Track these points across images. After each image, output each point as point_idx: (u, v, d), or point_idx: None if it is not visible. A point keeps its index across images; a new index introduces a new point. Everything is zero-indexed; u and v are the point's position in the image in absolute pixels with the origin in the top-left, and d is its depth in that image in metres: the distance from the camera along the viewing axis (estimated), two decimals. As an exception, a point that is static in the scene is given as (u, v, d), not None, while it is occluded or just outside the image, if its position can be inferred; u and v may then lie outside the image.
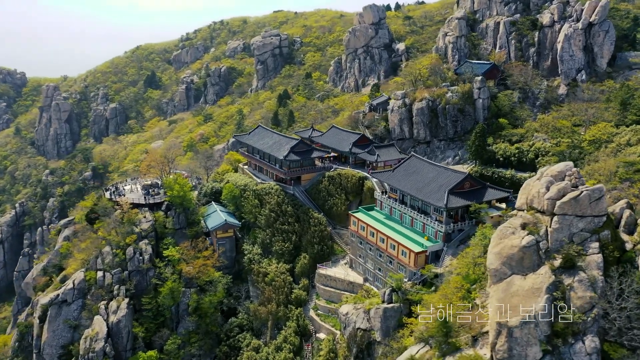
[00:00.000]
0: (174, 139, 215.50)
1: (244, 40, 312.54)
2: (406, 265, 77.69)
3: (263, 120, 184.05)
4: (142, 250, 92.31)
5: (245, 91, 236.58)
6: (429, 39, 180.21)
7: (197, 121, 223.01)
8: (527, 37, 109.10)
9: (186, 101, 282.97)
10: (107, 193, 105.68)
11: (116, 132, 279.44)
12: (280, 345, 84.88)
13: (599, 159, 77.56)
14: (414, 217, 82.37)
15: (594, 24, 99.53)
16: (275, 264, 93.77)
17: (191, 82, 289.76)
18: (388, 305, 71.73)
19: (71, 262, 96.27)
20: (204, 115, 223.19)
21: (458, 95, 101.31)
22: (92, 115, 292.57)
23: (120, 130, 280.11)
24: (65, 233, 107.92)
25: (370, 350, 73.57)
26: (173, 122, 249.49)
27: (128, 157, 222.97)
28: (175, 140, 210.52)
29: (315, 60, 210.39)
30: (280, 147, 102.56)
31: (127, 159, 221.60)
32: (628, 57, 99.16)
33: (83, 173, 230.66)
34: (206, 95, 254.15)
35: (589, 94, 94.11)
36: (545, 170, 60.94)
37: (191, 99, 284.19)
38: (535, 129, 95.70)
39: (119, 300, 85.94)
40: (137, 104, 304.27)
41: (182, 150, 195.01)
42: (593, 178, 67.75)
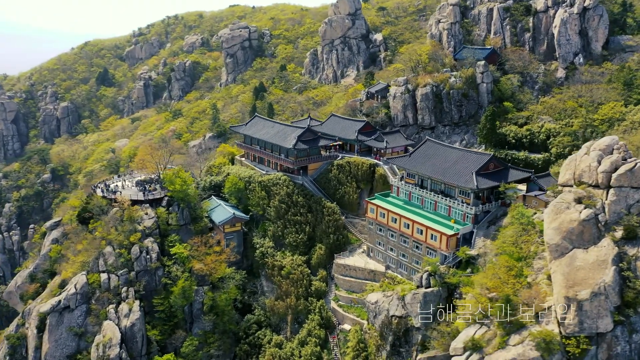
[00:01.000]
0: (141, 137, 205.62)
1: (202, 35, 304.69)
2: (437, 249, 76.60)
3: (240, 114, 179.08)
4: (149, 248, 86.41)
5: (213, 86, 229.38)
6: (405, 29, 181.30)
7: (165, 117, 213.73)
8: (522, 22, 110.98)
9: (145, 98, 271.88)
10: (97, 191, 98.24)
11: (69, 133, 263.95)
12: (305, 339, 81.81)
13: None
14: (437, 201, 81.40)
15: (589, 9, 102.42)
16: (290, 256, 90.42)
17: (149, 79, 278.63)
18: (427, 290, 70.30)
19: (67, 266, 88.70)
20: (173, 111, 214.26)
21: (461, 80, 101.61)
22: (41, 115, 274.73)
23: (73, 131, 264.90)
24: (52, 235, 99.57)
25: (408, 337, 72.00)
26: (136, 120, 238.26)
27: (91, 157, 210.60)
28: (143, 138, 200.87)
29: (287, 53, 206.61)
30: (285, 136, 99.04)
31: (90, 159, 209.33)
32: (621, 41, 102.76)
33: (41, 176, 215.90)
34: (171, 90, 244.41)
35: (587, 76, 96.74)
36: (591, 145, 61.40)
37: (150, 95, 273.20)
38: (538, 112, 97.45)
39: (130, 303, 79.89)
40: (90, 103, 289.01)
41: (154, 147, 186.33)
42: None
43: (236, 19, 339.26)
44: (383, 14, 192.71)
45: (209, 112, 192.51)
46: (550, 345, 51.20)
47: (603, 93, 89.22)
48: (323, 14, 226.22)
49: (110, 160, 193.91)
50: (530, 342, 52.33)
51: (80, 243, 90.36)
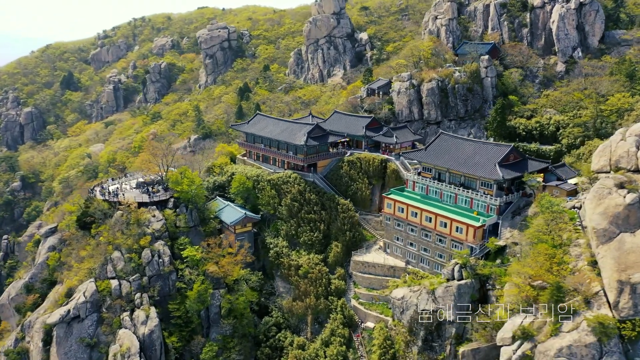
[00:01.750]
0: (118, 141, 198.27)
1: (172, 37, 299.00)
2: (463, 241, 76.06)
3: (225, 115, 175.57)
4: (160, 252, 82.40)
5: (191, 87, 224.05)
6: (390, 28, 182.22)
7: (143, 120, 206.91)
8: (519, 18, 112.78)
9: (115, 102, 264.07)
10: (97, 194, 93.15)
11: (34, 139, 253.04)
12: (328, 339, 79.75)
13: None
14: (457, 194, 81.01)
15: (585, 4, 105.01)
16: (305, 255, 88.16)
17: (119, 82, 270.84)
18: (461, 282, 69.62)
19: (69, 274, 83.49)
20: (151, 114, 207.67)
21: (466, 75, 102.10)
22: (2, 121, 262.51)
23: (39, 137, 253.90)
24: (48, 243, 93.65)
25: (441, 331, 71.03)
26: (110, 124, 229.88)
27: (65, 163, 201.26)
28: (122, 142, 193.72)
29: (269, 53, 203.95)
30: (294, 133, 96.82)
31: (64, 165, 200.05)
32: (616, 35, 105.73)
33: (10, 184, 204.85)
34: (146, 93, 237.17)
35: (588, 69, 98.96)
36: (626, 131, 62.28)
37: (120, 99, 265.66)
38: (542, 105, 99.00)
39: (146, 310, 75.72)
40: (56, 108, 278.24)
41: (134, 151, 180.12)
42: None
43: (206, 21, 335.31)
44: (366, 13, 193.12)
45: (191, 114, 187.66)
46: (607, 329, 51.09)
47: (607, 85, 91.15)
48: (302, 14, 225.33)
49: (88, 165, 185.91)
50: (586, 328, 52.10)
51: (83, 249, 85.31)
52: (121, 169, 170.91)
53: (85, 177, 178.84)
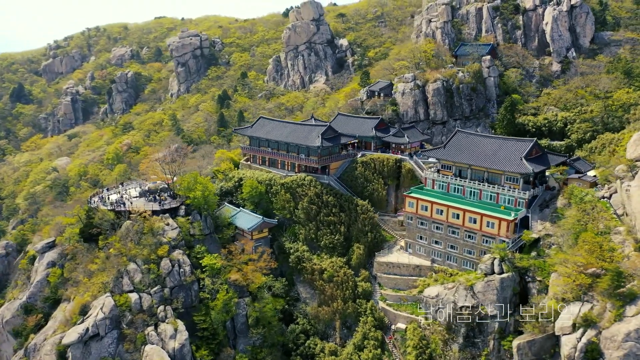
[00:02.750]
0: (88, 153, 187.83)
1: (131, 47, 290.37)
2: (495, 236, 76.10)
3: (205, 123, 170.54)
4: (180, 261, 77.67)
5: (161, 97, 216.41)
6: (368, 35, 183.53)
7: (113, 132, 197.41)
8: (512, 20, 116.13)
9: (73, 114, 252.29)
10: (99, 205, 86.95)
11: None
12: (361, 344, 77.41)
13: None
14: (482, 190, 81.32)
15: (576, 7, 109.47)
16: (328, 259, 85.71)
17: (77, 93, 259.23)
18: (503, 276, 69.40)
19: (78, 290, 76.99)
20: (121, 125, 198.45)
21: (469, 75, 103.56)
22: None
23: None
24: (47, 259, 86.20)
25: (483, 327, 70.38)
26: (74, 136, 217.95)
27: (28, 178, 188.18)
28: (92, 154, 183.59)
29: (245, 61, 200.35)
30: (305, 135, 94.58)
31: (27, 181, 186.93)
32: (604, 36, 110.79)
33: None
34: (112, 103, 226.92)
35: (584, 68, 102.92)
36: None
37: (79, 111, 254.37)
38: (545, 103, 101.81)
39: (173, 323, 70.76)
40: (6, 122, 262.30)
41: (108, 163, 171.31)
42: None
43: (165, 31, 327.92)
44: (342, 20, 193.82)
45: (167, 123, 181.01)
46: (673, 310, 51.96)
47: (608, 82, 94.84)
48: (274, 22, 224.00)
49: (56, 180, 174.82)
50: (652, 311, 52.81)
51: (91, 263, 79.01)
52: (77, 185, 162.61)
53: (54, 191, 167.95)
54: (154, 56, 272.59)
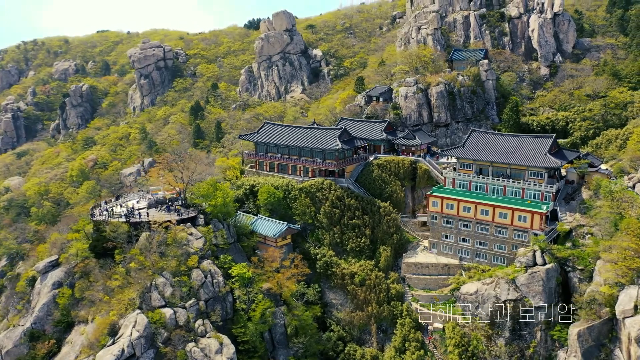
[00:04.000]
0: (46, 171, 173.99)
1: (75, 61, 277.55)
2: (528, 229, 77.67)
3: (180, 136, 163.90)
4: (212, 272, 72.87)
5: (120, 110, 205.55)
6: (341, 45, 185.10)
7: (72, 148, 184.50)
8: (499, 27, 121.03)
9: (15, 132, 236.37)
10: (109, 218, 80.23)
11: None
12: (402, 346, 75.87)
13: (638, 116, 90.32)
14: (506, 186, 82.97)
15: (558, 15, 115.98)
16: (356, 262, 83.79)
17: (18, 110, 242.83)
18: (548, 266, 70.63)
19: (96, 310, 70.11)
20: (81, 141, 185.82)
21: (469, 78, 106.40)
22: None
23: None
24: (51, 279, 77.73)
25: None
26: (23, 154, 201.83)
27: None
28: (52, 172, 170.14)
29: (214, 72, 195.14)
30: (321, 138, 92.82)
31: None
32: (584, 42, 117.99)
33: None
34: (66, 119, 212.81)
35: (572, 72, 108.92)
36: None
37: (21, 129, 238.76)
38: (541, 104, 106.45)
39: (217, 337, 65.66)
40: None
41: (73, 181, 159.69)
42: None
43: (111, 44, 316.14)
44: (313, 31, 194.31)
45: (135, 137, 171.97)
46: None
47: (601, 83, 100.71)
48: (238, 34, 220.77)
49: (12, 200, 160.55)
50: None
51: (108, 279, 72.37)
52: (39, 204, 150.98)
53: (12, 212, 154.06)
54: (101, 70, 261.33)
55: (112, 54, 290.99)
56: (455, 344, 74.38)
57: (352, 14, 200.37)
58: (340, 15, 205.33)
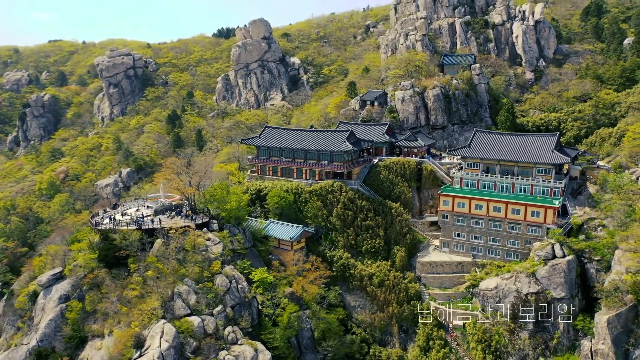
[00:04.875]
0: (10, 185, 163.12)
1: (28, 71, 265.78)
2: (541, 224, 79.86)
3: (158, 145, 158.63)
4: (236, 277, 70.29)
5: (86, 120, 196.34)
6: (317, 54, 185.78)
7: (38, 160, 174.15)
8: (484, 34, 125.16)
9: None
10: (118, 226, 76.06)
11: None
12: (426, 345, 75.69)
13: (626, 115, 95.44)
14: (515, 183, 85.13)
15: (539, 22, 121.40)
16: (372, 264, 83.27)
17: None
18: (569, 258, 72.69)
19: (115, 321, 65.96)
20: (48, 153, 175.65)
21: (463, 82, 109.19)
22: None
23: None
24: (57, 293, 72.27)
25: (551, 310, 72.68)
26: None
27: None
28: (16, 186, 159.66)
29: (187, 80, 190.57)
30: (328, 140, 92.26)
31: None
32: (563, 49, 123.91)
33: None
34: (26, 130, 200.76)
35: (556, 76, 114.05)
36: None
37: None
38: (531, 106, 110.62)
39: (252, 344, 63.08)
40: None
41: (42, 194, 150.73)
42: None
43: (66, 54, 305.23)
44: (288, 39, 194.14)
45: (108, 147, 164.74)
46: None
47: (588, 86, 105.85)
48: (209, 42, 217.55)
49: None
50: None
51: (123, 289, 68.42)
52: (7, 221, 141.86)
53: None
54: (57, 80, 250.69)
55: (68, 64, 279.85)
56: (478, 340, 75.00)
57: (325, 23, 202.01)
58: (314, 25, 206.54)
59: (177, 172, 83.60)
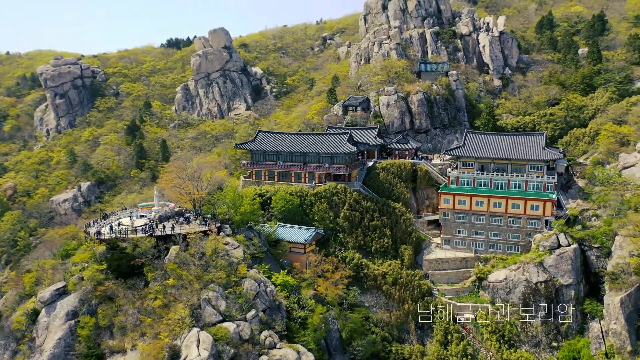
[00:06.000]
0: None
1: None
2: (540, 217, 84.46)
3: (119, 157, 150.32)
4: (263, 281, 67.97)
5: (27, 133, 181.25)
6: (278, 64, 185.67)
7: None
8: (452, 44, 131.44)
9: None
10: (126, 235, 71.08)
11: None
12: (444, 339, 77.06)
13: (595, 117, 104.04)
14: (510, 180, 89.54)
15: (503, 33, 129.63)
16: (385, 263, 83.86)
17: None
18: (574, 246, 77.31)
19: (138, 333, 61.35)
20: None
21: (442, 87, 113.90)
22: None
23: None
24: (62, 309, 65.52)
25: (560, 297, 76.82)
26: None
27: None
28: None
29: (141, 91, 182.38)
30: (327, 143, 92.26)
31: None
32: (524, 58, 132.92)
33: None
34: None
35: (522, 83, 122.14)
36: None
37: None
38: (506, 110, 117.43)
39: (293, 347, 61.11)
40: None
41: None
42: None
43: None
44: (246, 50, 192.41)
45: (61, 161, 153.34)
46: None
47: (553, 92, 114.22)
48: (160, 53, 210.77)
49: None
50: None
51: (144, 299, 64.01)
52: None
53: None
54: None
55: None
56: (491, 331, 77.57)
57: (281, 35, 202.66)
58: (269, 36, 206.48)
59: (181, 177, 79.76)
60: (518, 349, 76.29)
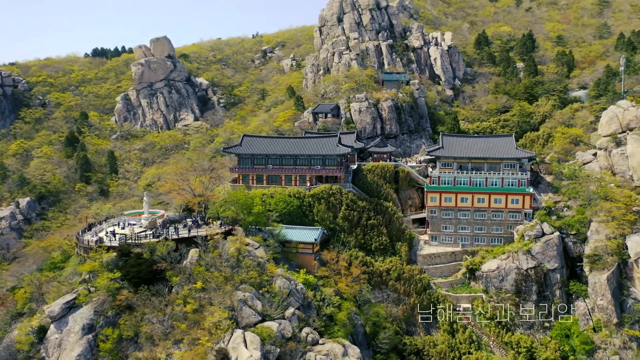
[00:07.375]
0: None
1: None
2: (520, 210, 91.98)
3: (58, 169, 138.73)
4: (291, 279, 66.96)
5: None
6: (221, 75, 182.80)
7: None
8: (406, 56, 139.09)
9: None
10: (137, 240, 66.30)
11: None
12: (451, 329, 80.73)
13: (545, 121, 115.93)
14: (488, 177, 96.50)
15: (451, 47, 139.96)
16: (386, 259, 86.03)
17: None
18: (557, 234, 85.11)
19: (171, 341, 57.57)
20: None
21: (407, 95, 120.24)
22: None
23: None
24: (76, 323, 58.87)
25: (548, 281, 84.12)
26: None
27: None
28: None
29: (74, 101, 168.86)
30: (317, 145, 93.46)
31: None
32: (468, 71, 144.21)
33: None
34: None
35: (471, 92, 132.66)
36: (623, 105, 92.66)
37: None
38: (464, 117, 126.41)
39: (338, 341, 60.73)
40: None
41: None
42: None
43: None
44: (188, 60, 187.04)
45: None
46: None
47: (502, 100, 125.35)
48: (89, 62, 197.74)
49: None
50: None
51: (172, 305, 60.36)
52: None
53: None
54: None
55: None
56: (489, 318, 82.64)
57: (221, 47, 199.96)
58: (207, 48, 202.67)
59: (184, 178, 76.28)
60: (514, 332, 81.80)
